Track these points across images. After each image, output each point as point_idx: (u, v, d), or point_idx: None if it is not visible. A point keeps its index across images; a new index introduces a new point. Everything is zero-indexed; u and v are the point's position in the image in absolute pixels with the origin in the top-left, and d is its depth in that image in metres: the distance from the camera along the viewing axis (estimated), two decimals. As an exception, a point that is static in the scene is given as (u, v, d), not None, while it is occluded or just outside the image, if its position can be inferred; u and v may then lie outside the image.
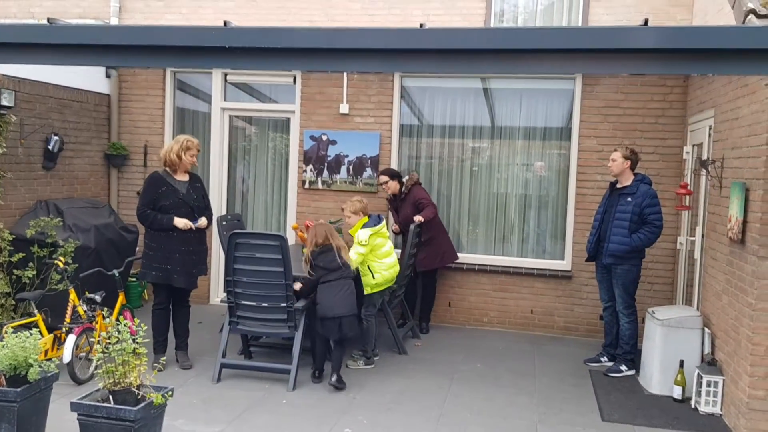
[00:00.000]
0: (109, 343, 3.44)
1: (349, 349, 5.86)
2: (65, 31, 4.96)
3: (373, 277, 5.64)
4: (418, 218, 6.45)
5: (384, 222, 5.84)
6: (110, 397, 3.45)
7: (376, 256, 5.66)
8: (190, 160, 5.56)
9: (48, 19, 5.45)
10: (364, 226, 5.66)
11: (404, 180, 6.83)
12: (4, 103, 5.93)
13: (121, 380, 3.43)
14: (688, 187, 5.83)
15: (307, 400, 4.96)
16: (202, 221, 5.56)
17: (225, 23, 4.58)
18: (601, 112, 6.89)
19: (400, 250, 6.62)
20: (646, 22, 5.85)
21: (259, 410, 4.75)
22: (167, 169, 5.56)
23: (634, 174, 5.82)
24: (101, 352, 3.47)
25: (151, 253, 5.45)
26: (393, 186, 6.78)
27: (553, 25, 7.03)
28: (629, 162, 5.78)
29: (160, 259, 5.41)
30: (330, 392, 5.13)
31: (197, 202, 5.60)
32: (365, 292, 5.68)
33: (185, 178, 5.62)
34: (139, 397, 3.46)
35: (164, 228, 5.40)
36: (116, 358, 3.44)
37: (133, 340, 3.47)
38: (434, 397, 5.13)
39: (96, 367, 5.01)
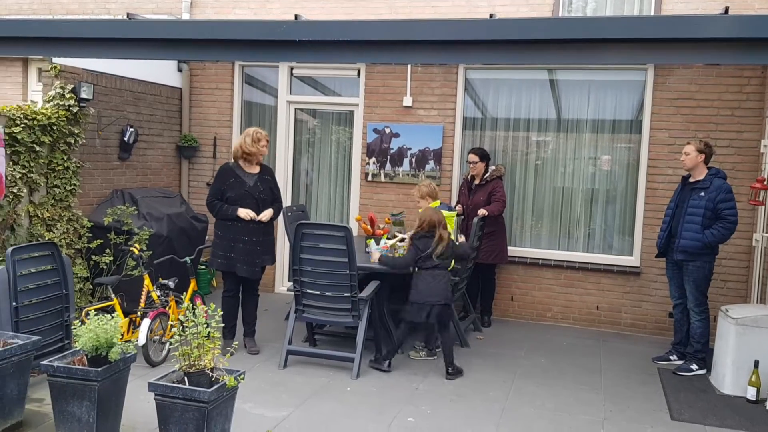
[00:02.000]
0: (185, 327, 3.56)
1: (411, 340, 5.90)
2: (142, 26, 5.16)
3: None
4: (482, 211, 6.41)
5: (455, 212, 5.85)
6: (185, 378, 3.58)
7: None
8: (261, 151, 5.67)
9: (127, 15, 5.67)
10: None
11: (491, 168, 6.77)
12: (84, 95, 6.21)
13: (196, 363, 3.55)
14: (765, 182, 5.59)
15: (370, 389, 5.02)
16: (265, 214, 5.64)
17: (296, 17, 4.66)
18: (674, 104, 6.68)
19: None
20: (726, 10, 5.63)
21: (324, 396, 4.84)
22: (238, 161, 5.69)
23: (708, 168, 5.63)
24: (177, 335, 3.61)
25: (218, 242, 5.65)
26: (479, 167, 6.72)
27: (624, 14, 6.85)
28: (703, 156, 5.59)
29: (225, 248, 5.59)
30: (393, 381, 5.18)
31: (264, 195, 5.70)
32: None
33: (255, 170, 5.73)
34: (212, 379, 3.58)
35: (229, 218, 5.56)
36: (191, 341, 3.57)
37: (207, 324, 3.59)
38: (497, 390, 5.11)
39: (170, 350, 5.22)
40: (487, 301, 7.04)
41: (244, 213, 5.54)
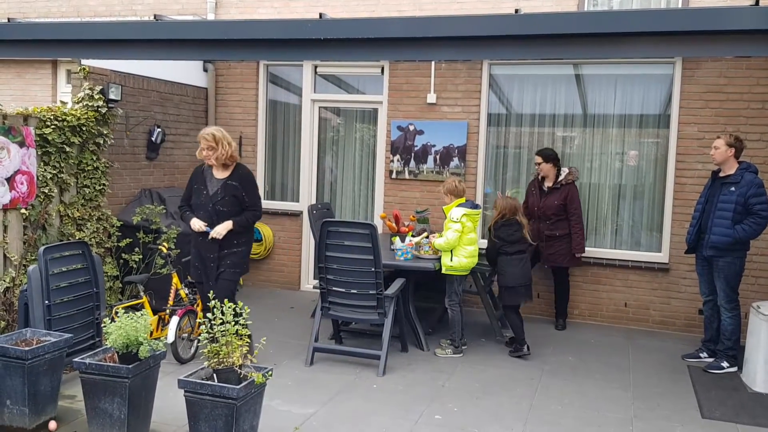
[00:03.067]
0: (214, 324, 3.60)
1: (437, 337, 5.90)
2: (168, 27, 5.20)
3: (451, 260, 5.66)
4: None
5: (480, 210, 5.85)
6: (214, 375, 3.62)
7: (461, 241, 5.64)
8: (206, 159, 5.09)
9: (155, 16, 5.73)
10: (459, 206, 5.70)
11: (564, 170, 6.63)
12: (112, 96, 6.30)
13: (225, 360, 3.59)
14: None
15: (396, 386, 5.03)
16: (217, 230, 4.97)
17: (321, 15, 4.68)
18: (703, 98, 6.58)
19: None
20: (757, 2, 5.51)
21: (351, 394, 4.86)
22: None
23: (739, 162, 5.53)
24: (206, 332, 3.65)
25: (191, 249, 5.28)
26: (545, 169, 6.60)
27: (651, 7, 6.75)
28: (733, 150, 5.50)
29: (194, 256, 5.19)
30: (419, 379, 5.18)
31: (222, 205, 5.02)
32: (443, 270, 5.73)
33: (222, 175, 5.11)
34: (241, 376, 3.62)
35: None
36: (220, 338, 3.60)
37: (236, 321, 3.62)
38: (524, 387, 5.09)
39: (198, 348, 5.27)
40: (561, 305, 6.84)
41: (196, 225, 5.02)
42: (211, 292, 4.24)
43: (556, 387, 5.13)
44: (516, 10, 4.18)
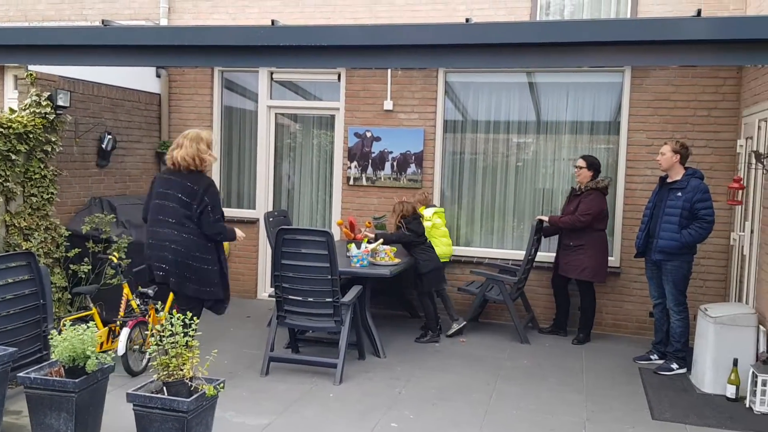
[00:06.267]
0: (163, 336, 3.53)
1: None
2: (119, 33, 5.12)
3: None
4: (542, 217, 6.64)
5: (442, 208, 6.99)
6: (164, 388, 3.55)
7: (438, 233, 6.80)
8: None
9: (102, 21, 5.62)
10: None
11: (600, 179, 6.44)
12: (60, 103, 6.14)
13: (175, 372, 3.52)
14: (742, 182, 5.66)
15: (353, 394, 5.01)
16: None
17: (273, 22, 4.65)
18: (651, 105, 6.75)
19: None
20: (699, 12, 5.70)
21: (306, 403, 4.82)
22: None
23: (685, 168, 5.69)
24: (155, 345, 3.57)
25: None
26: (584, 175, 6.42)
27: (601, 17, 6.90)
28: (678, 156, 5.66)
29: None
30: (376, 386, 5.17)
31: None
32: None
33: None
34: (191, 388, 3.56)
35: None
36: (169, 350, 3.54)
37: (185, 333, 3.56)
38: (480, 393, 5.12)
39: (149, 360, 5.16)
40: (583, 318, 6.58)
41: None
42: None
43: (511, 392, 5.18)
44: (467, 20, 4.23)
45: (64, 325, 4.25)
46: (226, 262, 5.16)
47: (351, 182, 7.62)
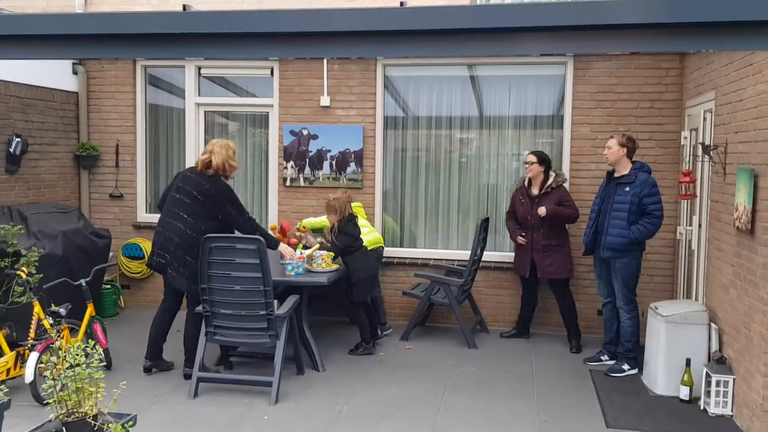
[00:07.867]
0: (60, 369, 3.06)
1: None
2: (26, 21, 4.55)
3: None
4: (542, 210, 6.03)
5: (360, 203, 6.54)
6: (63, 429, 3.08)
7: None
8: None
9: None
10: None
11: (552, 173, 6.21)
12: (-41, 103, 5.53)
13: (75, 410, 3.06)
14: (692, 175, 5.50)
15: (290, 415, 4.61)
16: None
17: (184, 7, 4.19)
18: (594, 98, 6.56)
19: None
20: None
21: (238, 429, 4.40)
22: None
23: (632, 162, 5.50)
24: (51, 380, 3.10)
25: None
26: (536, 170, 6.16)
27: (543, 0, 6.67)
28: (625, 149, 5.47)
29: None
30: (315, 405, 4.79)
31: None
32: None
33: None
34: (95, 428, 3.10)
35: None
36: (69, 384, 3.07)
37: (87, 364, 3.10)
38: (426, 408, 4.79)
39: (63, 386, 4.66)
40: (571, 322, 6.26)
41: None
42: None
43: (459, 403, 4.88)
44: (401, 3, 3.89)
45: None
46: None
47: (288, 183, 7.21)
